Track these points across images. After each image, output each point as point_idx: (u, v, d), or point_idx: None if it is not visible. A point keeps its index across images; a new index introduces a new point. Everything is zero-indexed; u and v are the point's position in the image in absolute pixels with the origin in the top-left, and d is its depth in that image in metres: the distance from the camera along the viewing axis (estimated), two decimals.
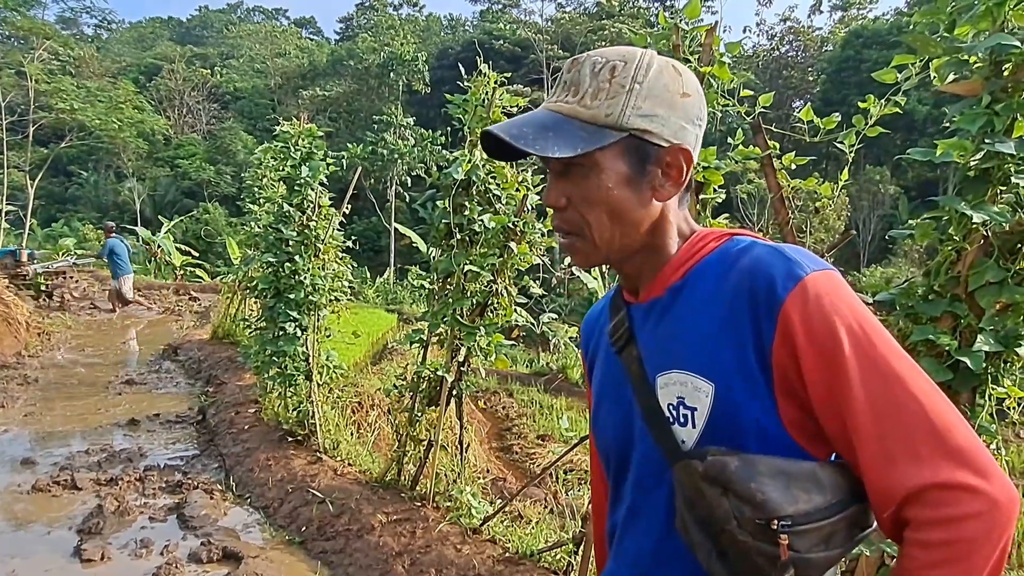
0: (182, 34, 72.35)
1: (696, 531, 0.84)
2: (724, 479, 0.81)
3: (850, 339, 0.79)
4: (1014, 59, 1.67)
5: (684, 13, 2.22)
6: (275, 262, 5.00)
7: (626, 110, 0.88)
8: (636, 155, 0.90)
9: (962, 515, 0.73)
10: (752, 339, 0.84)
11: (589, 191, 0.90)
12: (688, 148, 0.91)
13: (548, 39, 38.89)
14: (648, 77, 0.89)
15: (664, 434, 0.90)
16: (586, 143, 0.87)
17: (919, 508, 0.75)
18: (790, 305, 0.81)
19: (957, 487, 0.73)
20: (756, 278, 0.84)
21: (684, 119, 0.91)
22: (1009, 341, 1.68)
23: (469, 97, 3.62)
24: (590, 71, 0.90)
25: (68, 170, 38.03)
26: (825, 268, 0.84)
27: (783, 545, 0.77)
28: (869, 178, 29.38)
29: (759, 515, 0.78)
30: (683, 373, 0.89)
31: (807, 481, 0.80)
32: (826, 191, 2.26)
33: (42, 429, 5.85)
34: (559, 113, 0.91)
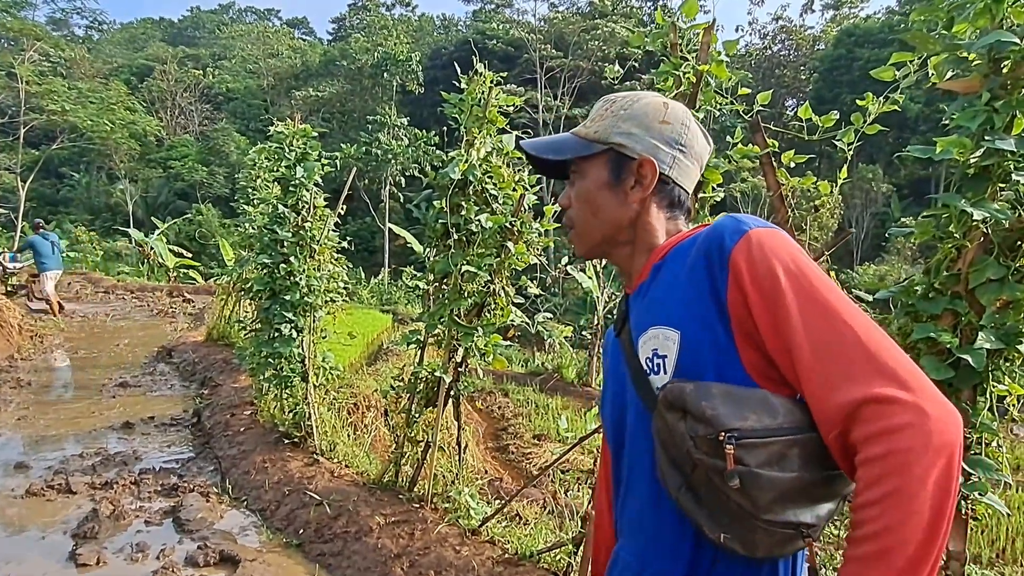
0: (174, 35, 72.04)
1: (668, 469, 0.95)
2: (680, 401, 0.92)
3: (788, 278, 0.89)
4: (1013, 56, 1.66)
5: (682, 12, 2.22)
6: (270, 263, 4.98)
7: (610, 129, 1.13)
8: (614, 165, 1.13)
9: (894, 426, 0.77)
10: (709, 288, 0.96)
11: (580, 191, 1.15)
12: (655, 161, 1.10)
13: (541, 39, 38.81)
14: (633, 107, 1.14)
15: (645, 388, 1.03)
16: (574, 152, 1.15)
17: (858, 427, 0.80)
18: (736, 252, 0.93)
19: (887, 400, 0.78)
20: (711, 238, 0.97)
21: (660, 140, 1.11)
22: (1010, 338, 1.68)
23: (465, 97, 3.61)
24: (599, 105, 1.18)
25: (59, 172, 37.82)
26: (770, 227, 0.96)
27: (729, 455, 0.85)
28: (862, 176, 29.46)
29: (709, 430, 0.87)
30: (657, 328, 1.02)
31: (757, 404, 0.89)
32: (824, 189, 2.26)
33: (35, 433, 5.81)
34: (572, 134, 1.18)
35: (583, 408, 9.09)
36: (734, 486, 0.85)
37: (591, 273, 11.95)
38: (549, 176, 1.25)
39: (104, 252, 25.61)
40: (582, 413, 8.73)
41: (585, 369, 11.22)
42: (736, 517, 0.88)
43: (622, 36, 35.05)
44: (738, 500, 0.86)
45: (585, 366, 11.33)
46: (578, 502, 5.03)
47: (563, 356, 12.46)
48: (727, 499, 0.87)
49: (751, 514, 0.86)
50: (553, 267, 12.90)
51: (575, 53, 38.30)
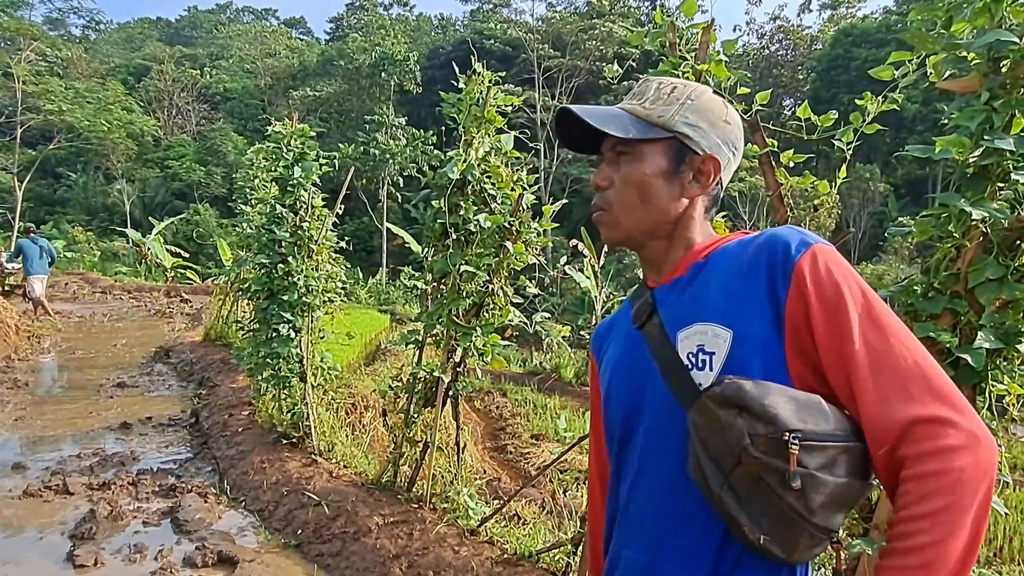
0: (171, 35, 71.92)
1: (710, 466, 0.92)
2: (739, 398, 0.89)
3: (852, 296, 0.91)
4: (1012, 55, 1.66)
5: (681, 11, 2.21)
6: (268, 263, 4.98)
7: (676, 116, 1.08)
8: (675, 155, 1.08)
9: (950, 447, 0.81)
10: (768, 295, 0.96)
11: (631, 174, 1.08)
12: (719, 160, 1.09)
13: (539, 38, 38.81)
14: (699, 98, 1.10)
15: (682, 381, 0.99)
16: (637, 132, 1.07)
17: (912, 444, 0.83)
18: (802, 264, 0.94)
19: (944, 421, 0.82)
20: (774, 245, 0.97)
21: (721, 139, 1.10)
22: (1009, 338, 1.68)
23: (464, 96, 3.60)
24: (656, 86, 1.12)
25: (56, 172, 37.71)
26: (829, 244, 0.97)
27: (793, 456, 0.85)
28: (859, 176, 29.50)
29: (771, 429, 0.86)
30: (704, 324, 1.00)
31: (813, 408, 0.89)
32: (824, 188, 2.26)
33: (33, 433, 5.80)
34: (624, 110, 1.11)
35: (581, 408, 9.08)
36: (796, 487, 0.85)
37: (589, 273, 11.96)
38: (573, 148, 1.18)
39: (101, 252, 25.59)
40: (580, 413, 8.73)
41: (583, 369, 11.22)
42: (782, 519, 0.87)
43: (620, 36, 35.08)
44: (792, 502, 0.86)
45: (583, 366, 11.33)
46: (576, 502, 5.03)
47: (561, 356, 12.46)
48: (778, 500, 0.86)
49: (803, 516, 0.86)
50: (551, 267, 12.90)
51: (573, 53, 38.31)
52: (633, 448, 1.08)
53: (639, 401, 1.07)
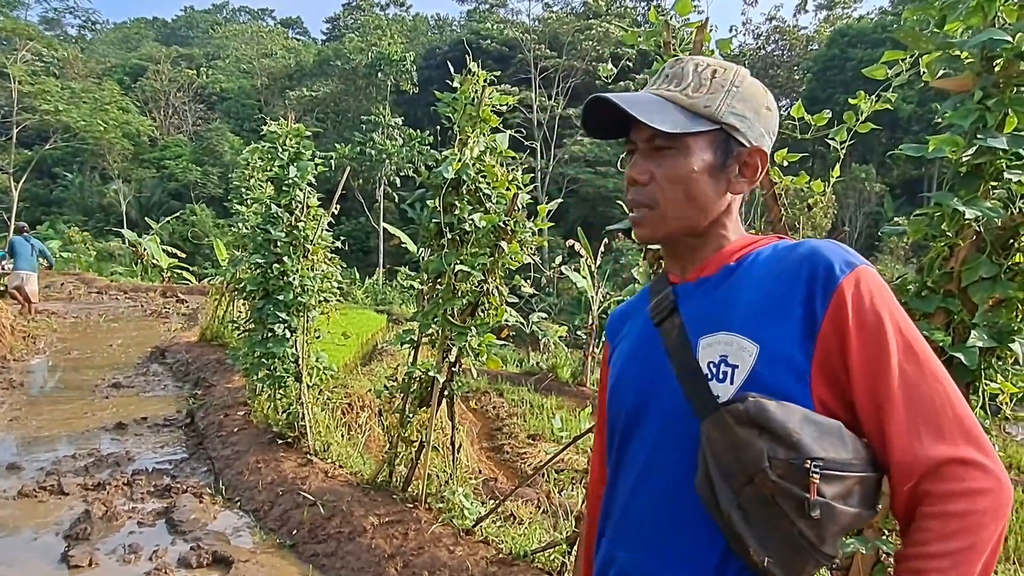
0: (167, 35, 71.75)
1: (720, 483, 0.88)
2: (763, 419, 0.86)
3: (893, 325, 0.88)
4: (1005, 54, 1.67)
5: (675, 10, 2.21)
6: (263, 263, 4.97)
7: (722, 106, 1.00)
8: (722, 148, 1.01)
9: (978, 489, 0.82)
10: (804, 314, 0.91)
11: (676, 170, 1.00)
12: (765, 151, 1.03)
13: (535, 39, 38.84)
14: (744, 84, 1.03)
15: (699, 390, 0.95)
16: (684, 126, 0.98)
17: (938, 482, 0.83)
18: (845, 286, 0.90)
19: (974, 464, 0.82)
20: (816, 260, 0.92)
21: (765, 129, 1.04)
22: (1002, 337, 1.68)
23: (458, 96, 3.60)
24: (693, 69, 1.03)
25: (53, 172, 37.62)
26: (871, 266, 0.94)
27: (814, 485, 0.83)
28: (855, 175, 29.57)
29: (793, 455, 0.84)
30: (730, 334, 0.95)
31: (834, 435, 0.87)
32: (818, 188, 2.26)
33: (28, 434, 5.78)
34: (662, 97, 1.02)
35: (578, 408, 9.08)
36: (815, 516, 0.83)
37: (585, 273, 11.96)
38: (598, 136, 1.10)
39: (97, 252, 25.52)
40: (576, 413, 8.73)
41: (580, 369, 11.22)
42: (791, 545, 0.85)
43: (616, 36, 35.11)
44: (805, 530, 0.84)
45: (580, 366, 11.33)
46: (572, 502, 5.03)
47: (558, 356, 12.46)
48: (790, 526, 0.84)
49: (813, 545, 0.85)
50: (547, 267, 12.91)
51: (569, 53, 38.33)
52: (637, 447, 1.05)
53: (648, 400, 1.03)
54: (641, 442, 1.04)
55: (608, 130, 1.08)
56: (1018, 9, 1.66)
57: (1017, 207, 1.68)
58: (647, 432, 1.03)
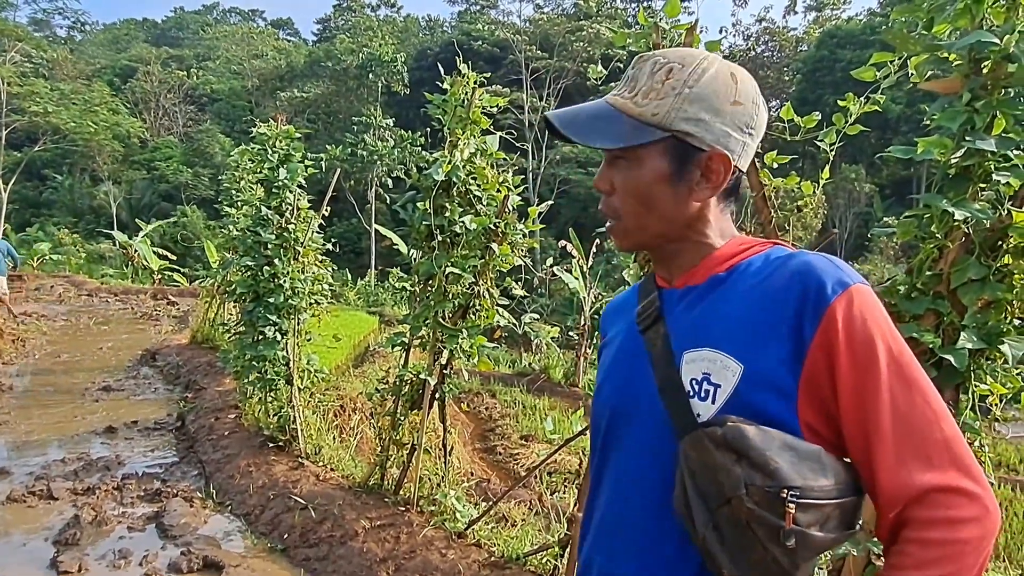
0: (157, 36, 71.34)
1: (697, 502, 0.87)
2: (741, 445, 0.84)
3: (884, 347, 0.86)
4: (993, 56, 1.67)
5: (664, 11, 2.21)
6: (254, 266, 4.94)
7: (672, 112, 0.94)
8: (677, 155, 0.96)
9: (961, 518, 0.80)
10: (792, 333, 0.88)
11: (629, 181, 0.98)
12: (727, 154, 0.96)
13: (526, 40, 38.87)
14: (700, 82, 0.95)
15: (679, 407, 0.93)
16: (629, 138, 0.95)
17: (922, 508, 0.82)
18: (836, 306, 0.86)
19: (960, 492, 0.81)
20: (808, 278, 0.89)
21: (731, 126, 0.96)
22: (991, 338, 1.68)
23: (449, 98, 3.59)
24: (649, 70, 0.98)
25: (42, 174, 37.34)
26: (866, 284, 0.90)
27: (789, 514, 0.81)
28: (845, 176, 29.72)
29: (769, 483, 0.82)
30: (714, 351, 0.92)
31: (813, 461, 0.85)
32: (807, 189, 2.27)
33: (17, 438, 5.73)
34: (613, 106, 0.98)
35: (570, 409, 9.08)
36: (790, 546, 0.82)
37: (577, 274, 11.96)
38: (564, 140, 1.04)
39: (87, 254, 25.35)
40: (569, 414, 8.71)
41: (572, 370, 11.22)
42: (764, 570, 0.84)
43: (607, 37, 35.15)
44: (779, 556, 0.83)
45: (572, 367, 11.33)
46: (565, 503, 5.02)
47: (550, 357, 12.46)
48: (763, 551, 0.83)
49: (786, 571, 0.83)
50: (539, 268, 12.91)
51: (560, 54, 38.37)
52: (617, 454, 1.03)
53: (630, 410, 1.01)
54: (621, 450, 1.03)
55: None
56: (1005, 11, 1.67)
57: (1005, 209, 1.69)
58: (628, 441, 1.01)
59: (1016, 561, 5.53)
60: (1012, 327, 1.71)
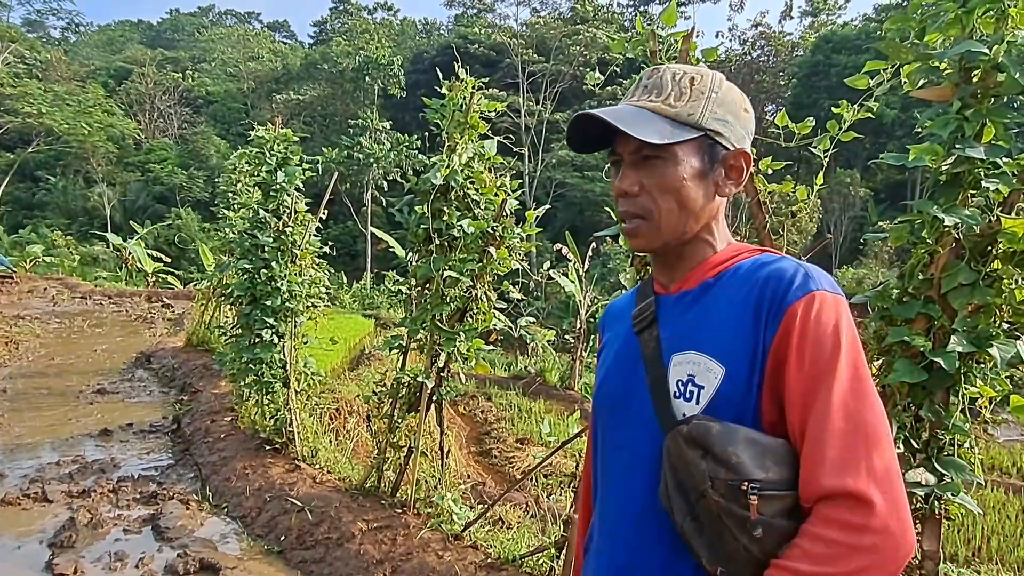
0: (152, 37, 71.22)
1: (676, 495, 0.93)
2: (705, 441, 0.90)
3: (832, 350, 0.90)
4: (983, 65, 1.70)
5: (662, 20, 2.24)
6: (251, 268, 4.95)
7: (705, 112, 1.02)
8: (708, 153, 1.03)
9: (859, 525, 0.82)
10: (761, 336, 0.94)
11: (665, 180, 1.02)
12: (749, 153, 1.06)
13: (523, 43, 38.91)
14: (722, 89, 1.05)
15: (664, 406, 0.99)
16: (671, 135, 1.00)
17: (827, 506, 0.85)
18: (795, 308, 0.92)
19: (866, 502, 0.83)
20: (776, 283, 0.95)
21: (745, 130, 1.06)
22: (981, 342, 1.72)
23: (447, 102, 3.61)
24: (671, 78, 1.04)
25: (35, 175, 37.15)
26: (837, 293, 0.95)
27: (753, 506, 0.86)
28: (840, 181, 29.82)
29: (732, 477, 0.87)
30: (699, 355, 0.98)
31: (776, 454, 0.90)
32: (802, 195, 2.30)
33: (11, 441, 5.71)
34: (645, 109, 1.03)
35: (566, 412, 9.10)
36: (757, 536, 0.86)
37: (573, 277, 11.99)
38: (582, 150, 1.11)
39: (81, 257, 25.27)
40: (565, 417, 8.74)
41: (568, 373, 11.24)
42: (739, 558, 0.88)
43: (603, 41, 35.26)
44: (748, 544, 0.87)
45: (568, 370, 11.35)
46: (561, 506, 5.04)
47: (546, 360, 12.48)
48: (734, 540, 0.87)
49: (758, 560, 0.87)
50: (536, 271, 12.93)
51: (557, 58, 38.44)
52: (615, 452, 1.08)
53: (626, 408, 1.07)
54: (618, 448, 1.08)
55: (590, 143, 1.09)
56: (995, 22, 1.70)
57: (995, 215, 1.72)
58: (624, 441, 1.07)
59: (1009, 564, 5.57)
60: (1001, 331, 1.74)
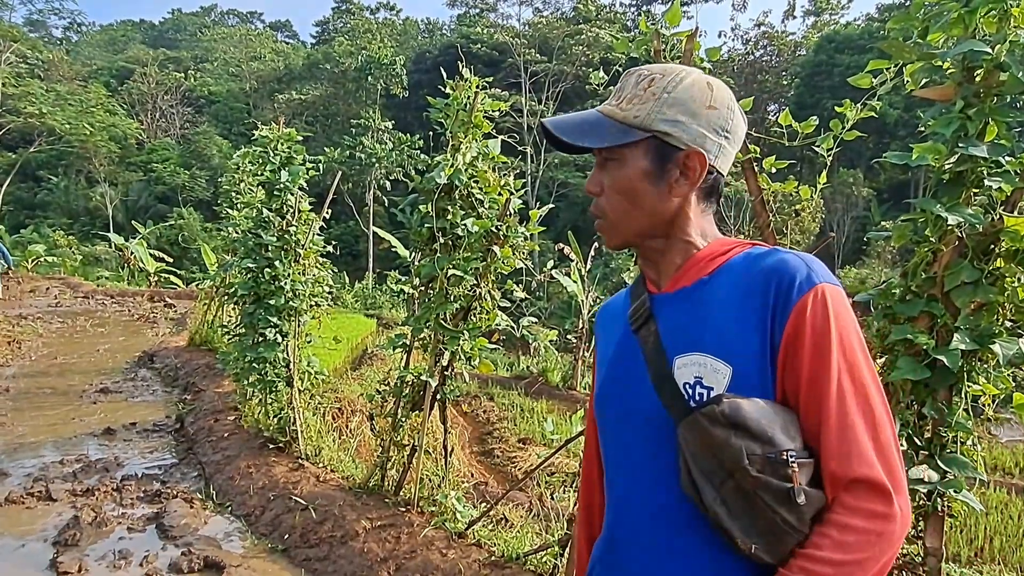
0: (154, 37, 71.27)
1: (702, 480, 0.93)
2: (738, 417, 0.91)
3: (840, 345, 0.93)
4: (986, 65, 1.71)
5: (665, 19, 2.25)
6: (255, 268, 4.96)
7: (652, 114, 1.04)
8: (657, 154, 1.04)
9: (880, 513, 0.88)
10: (768, 330, 0.96)
11: (615, 180, 1.07)
12: (703, 153, 1.04)
13: (525, 43, 38.94)
14: (677, 88, 1.05)
15: (673, 396, 0.99)
16: (613, 139, 1.04)
17: (848, 495, 0.89)
18: (803, 303, 0.94)
19: (883, 490, 0.88)
20: (781, 276, 0.96)
21: (707, 128, 1.05)
22: (984, 340, 1.72)
23: (451, 102, 3.62)
24: (634, 81, 1.08)
25: (37, 175, 37.22)
26: (836, 283, 0.97)
27: (795, 473, 0.89)
28: (843, 180, 29.81)
29: (770, 449, 0.90)
30: (704, 355, 0.98)
31: (795, 424, 0.94)
32: (805, 194, 2.30)
33: (14, 440, 5.73)
34: (601, 113, 1.08)
35: (568, 411, 9.11)
36: (801, 503, 0.89)
37: (576, 277, 11.99)
38: (563, 151, 1.14)
39: (83, 256, 25.31)
40: (567, 416, 8.75)
41: (570, 373, 11.25)
42: (775, 531, 0.90)
43: (606, 41, 35.27)
44: (786, 515, 0.89)
45: (570, 369, 11.36)
46: (563, 505, 5.04)
47: (548, 360, 12.49)
48: (772, 515, 0.89)
49: (796, 528, 0.90)
50: (538, 271, 12.95)
51: (559, 58, 38.46)
52: (625, 452, 1.09)
53: (630, 405, 1.07)
54: (628, 447, 1.08)
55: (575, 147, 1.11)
56: (997, 21, 1.71)
57: (997, 213, 1.72)
58: (630, 436, 1.07)
59: (1011, 564, 5.57)
60: (1004, 329, 1.75)
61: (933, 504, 1.78)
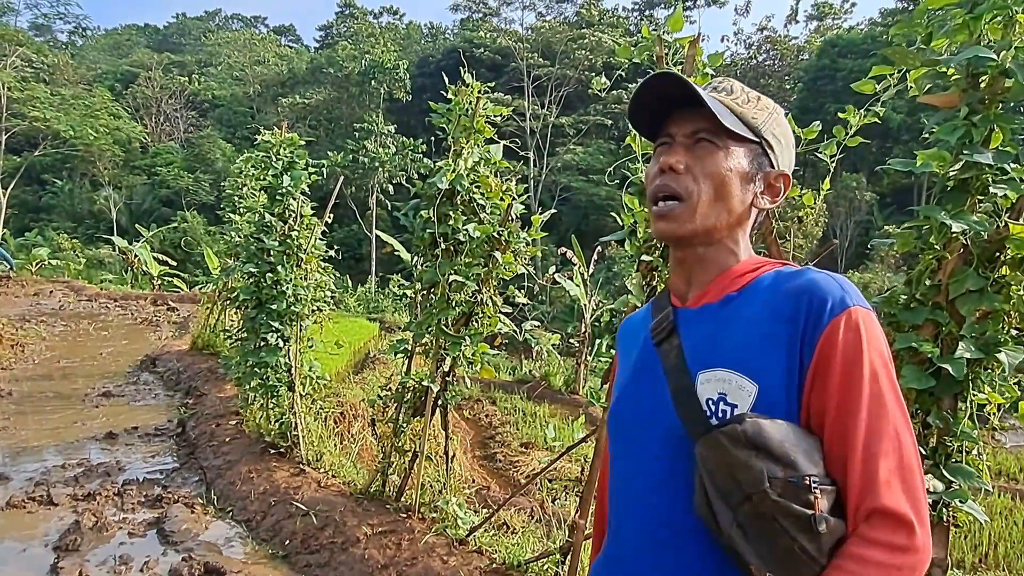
0: (159, 41, 71.53)
1: (718, 503, 0.90)
2: (761, 439, 0.88)
3: (871, 372, 0.90)
4: (990, 71, 1.70)
5: (667, 25, 2.24)
6: (257, 272, 4.96)
7: (767, 124, 1.07)
8: (757, 161, 1.06)
9: (901, 546, 0.85)
10: (795, 352, 0.93)
11: (714, 166, 1.03)
12: (790, 178, 1.09)
13: (528, 47, 39.04)
14: (780, 116, 1.10)
15: (692, 413, 0.97)
16: (734, 125, 1.03)
17: (868, 527, 0.86)
18: (835, 325, 0.92)
19: (905, 522, 0.85)
20: (812, 296, 0.94)
21: (790, 159, 1.11)
22: (989, 348, 1.70)
23: (453, 107, 3.62)
24: (741, 88, 1.10)
25: (42, 179, 37.36)
26: (868, 306, 0.96)
27: (817, 500, 0.86)
28: (846, 185, 29.77)
29: (791, 474, 0.87)
30: (729, 372, 0.96)
31: (818, 450, 0.91)
32: (808, 200, 2.29)
33: (16, 443, 5.73)
34: (722, 103, 1.06)
35: (571, 416, 9.09)
36: (823, 531, 0.85)
37: (578, 281, 11.98)
38: (637, 123, 1.12)
39: (87, 260, 25.39)
40: (570, 421, 8.73)
41: (572, 377, 11.23)
42: (791, 559, 0.87)
43: (609, 45, 35.32)
44: (805, 544, 0.86)
45: (572, 374, 11.34)
46: (566, 511, 5.02)
47: (550, 364, 12.47)
48: (790, 542, 0.86)
49: (813, 558, 0.86)
50: (540, 275, 12.96)
51: (562, 62, 38.54)
52: (636, 462, 1.06)
53: (646, 419, 1.05)
54: (639, 460, 1.06)
55: (648, 120, 1.10)
56: (1002, 27, 1.70)
57: (1003, 221, 1.71)
58: (643, 451, 1.05)
59: (1016, 570, 5.53)
60: (1009, 337, 1.73)
61: (938, 514, 1.76)
